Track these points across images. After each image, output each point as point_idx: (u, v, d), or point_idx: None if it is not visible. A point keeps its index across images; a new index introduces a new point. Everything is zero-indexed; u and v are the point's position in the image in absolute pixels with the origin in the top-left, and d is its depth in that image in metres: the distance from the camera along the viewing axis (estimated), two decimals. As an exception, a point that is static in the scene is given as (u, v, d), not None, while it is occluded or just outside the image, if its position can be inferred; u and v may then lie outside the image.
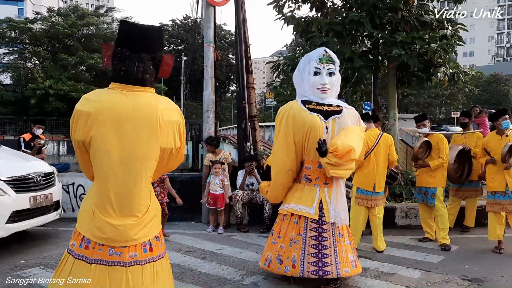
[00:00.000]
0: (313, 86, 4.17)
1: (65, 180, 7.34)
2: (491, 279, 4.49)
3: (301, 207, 4.15)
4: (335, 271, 3.99)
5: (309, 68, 4.20)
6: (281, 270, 4.12)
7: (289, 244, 4.11)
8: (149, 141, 2.97)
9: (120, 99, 2.97)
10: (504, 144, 5.32)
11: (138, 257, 3.01)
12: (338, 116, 4.16)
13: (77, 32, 28.44)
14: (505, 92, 51.65)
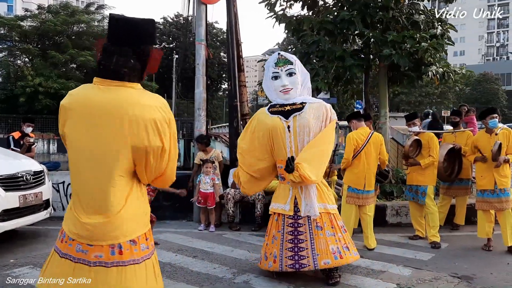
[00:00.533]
0: (276, 90, 4.37)
1: (55, 179, 7.29)
2: (481, 276, 4.54)
3: (277, 205, 4.40)
4: (312, 263, 4.09)
5: (269, 75, 4.42)
6: (266, 266, 4.33)
7: (272, 241, 4.34)
8: (117, 137, 2.84)
9: (94, 93, 2.88)
10: (493, 143, 5.37)
11: (103, 258, 2.88)
12: (298, 113, 4.25)
13: (67, 29, 28.19)
14: (495, 91, 52.13)
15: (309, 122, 4.22)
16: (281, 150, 4.29)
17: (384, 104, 8.52)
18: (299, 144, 4.26)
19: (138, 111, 2.85)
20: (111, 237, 2.88)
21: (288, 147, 4.26)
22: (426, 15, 8.34)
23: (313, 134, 4.25)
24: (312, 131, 4.25)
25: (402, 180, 7.39)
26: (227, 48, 7.89)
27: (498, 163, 5.34)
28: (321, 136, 4.26)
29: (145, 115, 2.86)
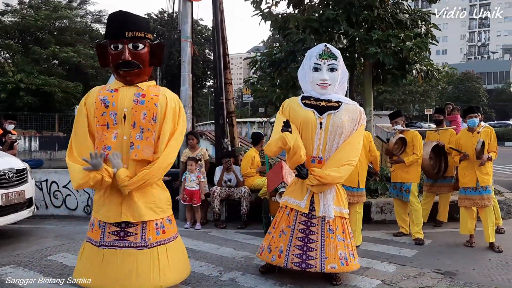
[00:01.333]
0: (313, 82, 4.18)
1: (38, 177, 7.19)
2: (463, 272, 4.62)
3: (292, 200, 4.24)
4: (319, 266, 4.01)
5: (309, 65, 4.21)
6: (269, 259, 4.22)
7: (279, 235, 4.21)
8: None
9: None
10: (475, 141, 5.46)
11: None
12: (333, 112, 4.12)
13: (49, 25, 27.78)
14: (476, 90, 52.93)
15: (343, 123, 4.12)
16: (308, 145, 4.14)
17: (369, 102, 8.59)
18: (328, 143, 4.14)
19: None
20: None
21: (316, 144, 4.15)
22: (410, 14, 8.43)
23: (344, 136, 4.15)
24: (344, 132, 4.14)
25: (387, 178, 7.47)
26: (213, 45, 7.87)
27: (482, 161, 5.43)
28: (349, 141, 4.17)
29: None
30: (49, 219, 7.02)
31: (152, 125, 3.43)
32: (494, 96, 59.02)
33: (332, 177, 4.01)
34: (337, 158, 4.10)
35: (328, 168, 4.05)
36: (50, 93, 24.04)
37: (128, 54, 3.39)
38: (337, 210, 4.19)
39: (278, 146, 4.04)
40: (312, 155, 4.17)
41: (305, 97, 4.25)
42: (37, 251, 5.21)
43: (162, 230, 3.54)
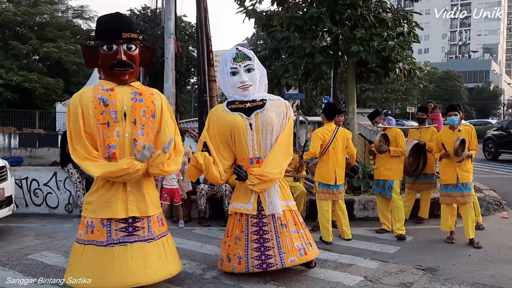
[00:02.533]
0: (234, 86, 4.24)
1: (18, 175, 7.06)
2: (444, 268, 4.69)
3: (240, 205, 4.25)
4: (280, 262, 4.06)
5: (226, 70, 4.26)
6: (230, 268, 4.18)
7: (235, 242, 4.19)
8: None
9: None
10: (456, 139, 5.54)
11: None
12: (260, 111, 4.18)
13: (29, 20, 27.23)
14: (457, 89, 53.80)
15: (272, 119, 4.19)
16: (243, 148, 4.20)
17: (352, 100, 8.65)
18: (261, 142, 4.19)
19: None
20: None
21: (250, 145, 4.19)
22: (393, 13, 8.51)
23: (275, 131, 4.22)
24: (274, 128, 4.21)
25: (369, 175, 7.54)
26: (197, 42, 7.84)
27: (461, 159, 5.51)
28: (281, 138, 4.26)
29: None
30: (29, 218, 6.90)
31: (152, 122, 3.70)
32: (475, 95, 60.07)
33: (272, 173, 4.10)
34: (274, 158, 4.17)
35: (267, 167, 4.12)
36: (30, 89, 23.61)
37: (124, 54, 3.59)
38: (284, 205, 4.25)
39: (192, 165, 4.24)
40: (249, 156, 4.21)
41: (230, 102, 4.29)
42: (17, 250, 5.13)
43: (161, 223, 3.87)
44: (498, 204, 7.71)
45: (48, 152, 17.33)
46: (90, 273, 3.48)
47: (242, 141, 4.17)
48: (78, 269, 3.56)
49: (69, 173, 6.88)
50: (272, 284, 4.13)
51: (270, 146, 4.21)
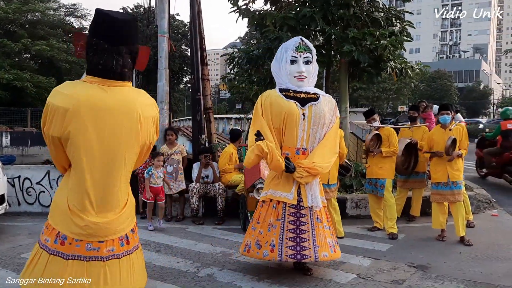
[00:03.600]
0: (290, 75, 4.20)
1: (11, 173, 7.03)
2: (435, 266, 4.75)
3: (279, 193, 4.20)
4: (313, 255, 4.07)
5: (286, 57, 4.21)
6: (260, 255, 4.14)
7: (268, 229, 4.14)
8: (130, 137, 2.93)
9: (99, 94, 2.86)
10: (447, 138, 5.61)
11: (115, 251, 3.00)
12: (315, 103, 4.19)
13: (21, 18, 27.00)
14: (448, 88, 54.22)
15: (325, 113, 4.22)
16: (292, 136, 4.19)
17: (344, 99, 8.70)
18: (311, 134, 4.20)
19: (146, 111, 2.98)
20: (119, 230, 3.03)
21: (300, 135, 4.18)
22: (385, 12, 8.57)
23: (325, 126, 4.26)
24: (326, 123, 4.25)
25: (361, 174, 7.60)
26: (190, 41, 7.84)
27: (452, 158, 5.58)
28: (330, 134, 4.31)
29: (151, 114, 3.03)
30: (22, 216, 6.88)
31: None
32: (465, 94, 60.59)
33: (321, 167, 4.16)
34: (322, 152, 4.21)
35: (315, 160, 4.15)
36: (21, 88, 23.41)
37: None
38: (322, 200, 4.32)
39: (255, 154, 4.11)
40: (297, 146, 4.21)
41: (283, 90, 4.24)
42: (10, 249, 5.11)
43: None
44: (488, 202, 7.80)
45: (40, 150, 17.19)
46: None
47: (293, 129, 4.15)
48: None
49: (62, 172, 6.86)
50: (265, 281, 4.16)
51: (318, 140, 4.24)
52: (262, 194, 4.38)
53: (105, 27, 2.90)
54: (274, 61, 4.37)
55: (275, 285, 4.10)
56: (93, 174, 2.88)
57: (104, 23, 2.90)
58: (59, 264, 2.90)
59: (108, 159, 2.90)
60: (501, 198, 8.60)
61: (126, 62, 2.93)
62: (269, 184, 4.32)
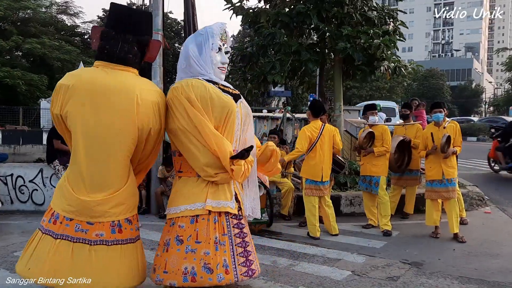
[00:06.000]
0: (215, 64, 3.45)
1: (3, 171, 6.98)
2: (429, 262, 4.78)
3: (221, 203, 3.33)
4: (257, 268, 3.51)
5: (212, 43, 3.43)
6: (214, 281, 3.19)
7: (216, 248, 3.24)
8: (126, 117, 3.02)
9: (100, 75, 3.04)
10: (441, 135, 5.64)
11: (104, 236, 3.03)
12: (241, 100, 3.56)
13: (12, 15, 26.76)
14: (440, 87, 54.47)
15: (250, 112, 3.68)
16: (229, 138, 3.39)
17: (338, 98, 8.71)
18: (241, 136, 3.52)
19: (144, 94, 3.09)
20: (111, 214, 3.06)
21: (235, 137, 3.46)
22: (379, 11, 8.59)
23: (251, 126, 3.67)
24: (252, 123, 3.69)
25: (355, 171, 7.62)
26: (185, 39, 7.78)
27: (447, 155, 5.62)
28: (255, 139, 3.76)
29: (151, 98, 3.13)
30: (15, 215, 6.82)
31: None
32: (457, 93, 60.90)
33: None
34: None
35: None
36: (12, 85, 23.19)
37: None
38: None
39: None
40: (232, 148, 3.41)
41: (212, 82, 3.41)
42: (2, 248, 5.07)
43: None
44: (481, 200, 7.87)
45: (32, 149, 17.06)
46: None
47: (232, 130, 3.41)
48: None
49: (55, 170, 6.82)
50: (261, 278, 4.16)
51: (243, 143, 3.52)
52: (191, 207, 3.29)
53: (113, 16, 3.15)
54: (192, 45, 3.44)
55: (270, 282, 4.10)
56: (88, 150, 2.99)
57: (113, 12, 3.17)
58: (49, 242, 2.98)
59: (103, 137, 2.99)
60: (493, 195, 8.67)
61: (131, 49, 3.10)
62: (201, 193, 3.30)
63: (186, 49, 3.46)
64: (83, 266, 2.94)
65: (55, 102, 3.04)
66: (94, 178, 3.00)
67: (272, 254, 4.98)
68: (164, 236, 3.35)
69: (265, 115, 11.44)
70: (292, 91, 27.13)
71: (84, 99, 2.96)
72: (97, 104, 2.97)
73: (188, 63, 3.43)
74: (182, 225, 3.27)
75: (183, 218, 3.28)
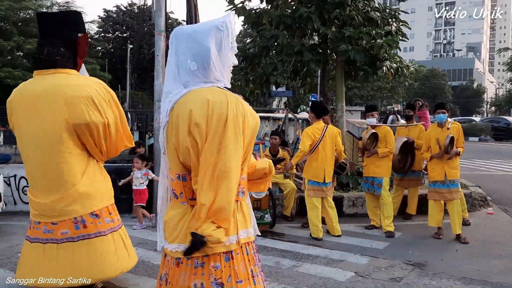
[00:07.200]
0: (229, 68, 2.62)
1: (6, 172, 6.99)
2: (432, 263, 4.79)
3: (249, 231, 2.66)
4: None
5: (231, 41, 2.56)
6: None
7: (254, 282, 2.59)
8: (56, 117, 3.14)
9: (31, 84, 3.22)
10: (445, 136, 5.64)
11: (69, 234, 3.17)
12: None
13: (13, 15, 26.78)
14: (441, 87, 54.46)
15: None
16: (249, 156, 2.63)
17: (340, 98, 8.71)
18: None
19: (71, 91, 3.14)
20: (70, 212, 3.17)
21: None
22: (381, 12, 8.59)
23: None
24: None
25: (358, 172, 7.63)
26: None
27: (450, 156, 5.62)
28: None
29: (79, 93, 3.15)
30: (18, 216, 6.84)
31: None
32: (458, 93, 60.87)
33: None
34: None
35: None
36: (14, 85, 23.12)
37: None
38: None
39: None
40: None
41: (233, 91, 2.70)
42: (7, 249, 5.09)
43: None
44: (484, 200, 7.87)
45: (34, 149, 17.08)
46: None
47: (252, 147, 2.66)
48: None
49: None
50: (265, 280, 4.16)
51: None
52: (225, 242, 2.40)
53: (39, 24, 3.34)
54: (212, 42, 2.45)
55: (274, 283, 4.11)
56: (33, 158, 3.18)
57: (39, 21, 3.36)
58: (27, 247, 3.24)
59: (45, 142, 3.15)
60: (496, 196, 8.67)
61: (58, 51, 3.18)
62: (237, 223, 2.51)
63: (200, 45, 2.47)
64: (52, 265, 3.12)
65: (8, 116, 3.30)
66: (44, 181, 3.17)
67: (275, 255, 4.98)
68: (187, 280, 2.39)
69: (267, 115, 11.44)
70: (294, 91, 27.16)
71: (20, 110, 3.18)
72: (30, 112, 3.16)
73: (204, 64, 2.47)
74: (217, 266, 2.45)
75: (215, 256, 2.44)
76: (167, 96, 2.41)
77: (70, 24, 3.33)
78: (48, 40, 3.21)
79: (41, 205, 3.18)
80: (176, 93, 2.38)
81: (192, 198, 2.43)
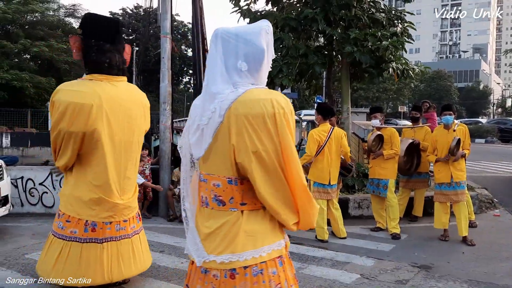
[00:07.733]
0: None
1: (13, 174, 7.02)
2: (438, 265, 4.77)
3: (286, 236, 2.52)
4: None
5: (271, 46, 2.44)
6: None
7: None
8: (141, 124, 3.53)
9: (113, 90, 3.35)
10: (451, 138, 5.63)
11: (136, 227, 3.63)
12: None
13: (20, 18, 26.99)
14: (447, 88, 54.28)
15: None
16: None
17: (346, 100, 8.71)
18: None
19: (146, 101, 3.56)
20: (134, 208, 3.67)
21: None
22: (387, 13, 8.59)
23: None
24: None
25: (364, 174, 7.61)
26: (193, 42, 7.85)
27: (456, 158, 5.60)
28: None
29: (147, 103, 3.61)
30: (25, 217, 6.88)
31: None
32: (464, 94, 60.62)
33: None
34: None
35: None
36: (20, 88, 23.37)
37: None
38: None
39: None
40: None
41: None
42: (14, 250, 5.12)
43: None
44: (490, 202, 7.83)
45: (40, 151, 17.23)
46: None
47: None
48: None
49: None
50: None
51: None
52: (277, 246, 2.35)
53: (104, 29, 3.37)
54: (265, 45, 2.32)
55: (280, 285, 4.10)
56: (116, 162, 3.41)
57: (101, 25, 3.40)
58: (94, 249, 3.39)
59: (126, 147, 3.44)
60: (503, 198, 8.62)
61: (123, 59, 3.44)
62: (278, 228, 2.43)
63: (254, 46, 2.33)
64: (129, 256, 3.63)
65: (72, 121, 3.21)
66: (124, 184, 3.57)
67: (280, 257, 4.97)
68: None
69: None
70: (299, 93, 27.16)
71: (110, 116, 3.32)
72: (119, 118, 3.38)
73: (256, 65, 2.35)
74: (274, 271, 2.31)
75: (271, 262, 2.33)
76: (215, 97, 2.22)
77: (122, 32, 3.68)
78: (114, 46, 3.38)
79: (120, 206, 3.48)
80: (229, 93, 2.21)
81: (242, 203, 2.27)
